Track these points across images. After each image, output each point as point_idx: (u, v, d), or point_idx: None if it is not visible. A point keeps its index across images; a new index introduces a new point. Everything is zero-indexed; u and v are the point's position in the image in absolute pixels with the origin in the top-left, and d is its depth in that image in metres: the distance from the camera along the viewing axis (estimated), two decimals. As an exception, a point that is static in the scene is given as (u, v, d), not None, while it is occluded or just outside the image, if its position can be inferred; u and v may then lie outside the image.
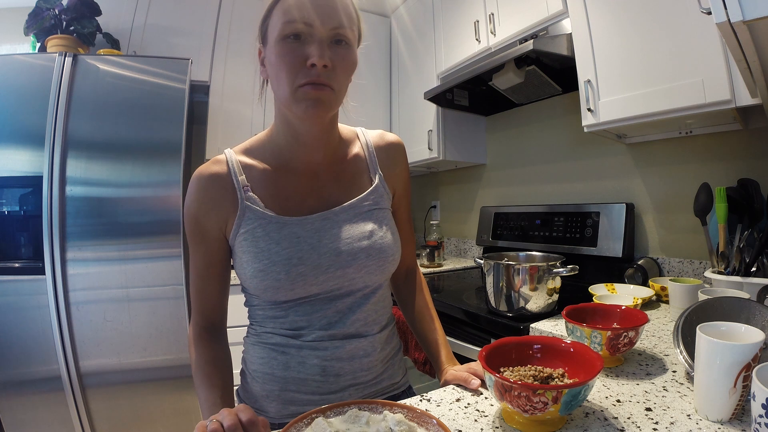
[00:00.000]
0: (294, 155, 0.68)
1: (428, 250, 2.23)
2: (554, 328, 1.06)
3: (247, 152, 0.70)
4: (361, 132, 0.77)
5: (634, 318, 0.79)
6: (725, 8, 0.53)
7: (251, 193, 0.66)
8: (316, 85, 0.58)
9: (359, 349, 0.69)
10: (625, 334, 0.72)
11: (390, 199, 0.75)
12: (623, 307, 0.83)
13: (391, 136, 0.78)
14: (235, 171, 0.67)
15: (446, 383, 0.71)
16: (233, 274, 0.73)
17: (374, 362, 0.71)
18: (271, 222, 0.65)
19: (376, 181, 0.72)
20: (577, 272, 1.09)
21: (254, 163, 0.68)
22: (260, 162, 0.68)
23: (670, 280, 1.13)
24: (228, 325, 0.79)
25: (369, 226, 0.69)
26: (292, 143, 0.68)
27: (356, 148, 0.74)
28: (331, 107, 0.61)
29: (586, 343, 0.71)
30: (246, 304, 0.76)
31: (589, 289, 1.26)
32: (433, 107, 2.15)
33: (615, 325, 0.80)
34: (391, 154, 0.76)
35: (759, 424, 0.45)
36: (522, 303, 1.14)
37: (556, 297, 1.17)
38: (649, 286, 1.28)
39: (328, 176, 0.70)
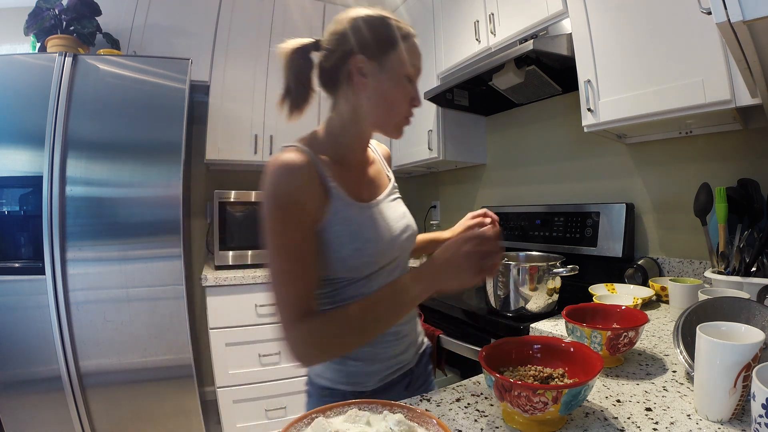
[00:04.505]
0: (350, 153, 0.78)
1: (428, 250, 2.23)
2: (554, 328, 1.06)
3: (311, 146, 0.73)
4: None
5: (634, 318, 0.79)
6: (725, 8, 0.53)
7: (332, 182, 0.71)
8: (407, 119, 0.76)
9: (411, 313, 0.83)
10: (625, 334, 0.72)
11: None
12: (623, 307, 0.83)
13: (385, 146, 0.95)
14: (317, 161, 0.71)
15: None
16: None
17: (416, 322, 0.88)
18: (353, 206, 0.73)
19: (392, 177, 0.89)
20: (577, 272, 1.09)
21: (321, 157, 0.73)
22: (323, 156, 0.73)
23: (670, 280, 1.13)
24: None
25: (401, 209, 0.84)
26: (355, 143, 0.78)
27: (371, 153, 0.88)
28: None
29: (586, 343, 0.71)
30: (325, 294, 0.75)
31: (589, 289, 1.26)
32: (433, 107, 2.15)
33: (615, 325, 0.80)
34: (388, 159, 0.94)
35: (759, 424, 0.45)
36: (522, 303, 1.14)
37: (556, 297, 1.17)
38: (649, 286, 1.28)
39: (366, 171, 0.83)
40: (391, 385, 0.80)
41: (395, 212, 0.81)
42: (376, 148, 0.91)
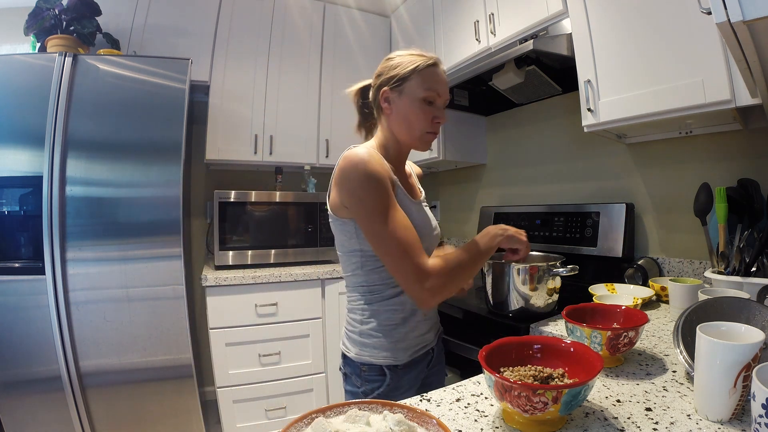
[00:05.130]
0: (396, 163, 0.95)
1: (428, 250, 2.23)
2: (554, 328, 1.06)
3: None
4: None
5: (635, 318, 0.79)
6: (725, 8, 0.53)
7: (394, 176, 0.89)
8: (432, 134, 0.91)
9: None
10: (625, 334, 0.72)
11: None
12: (623, 307, 0.83)
13: (413, 165, 1.11)
14: (383, 160, 0.88)
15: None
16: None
17: (436, 308, 1.02)
18: (408, 199, 0.91)
19: (423, 190, 1.06)
20: (577, 272, 1.09)
21: None
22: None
23: (670, 280, 1.13)
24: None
25: (432, 214, 1.02)
26: (399, 155, 0.96)
27: (408, 168, 1.05)
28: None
29: (586, 343, 0.71)
30: (372, 270, 0.90)
31: (589, 289, 1.26)
32: (433, 107, 2.15)
33: (615, 325, 0.80)
34: (419, 176, 1.11)
35: (759, 424, 0.45)
36: (522, 303, 1.14)
37: (556, 297, 1.17)
38: (649, 286, 1.28)
39: (406, 179, 0.99)
40: (417, 361, 0.94)
41: (430, 215, 1.00)
42: (412, 166, 1.08)
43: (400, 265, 0.79)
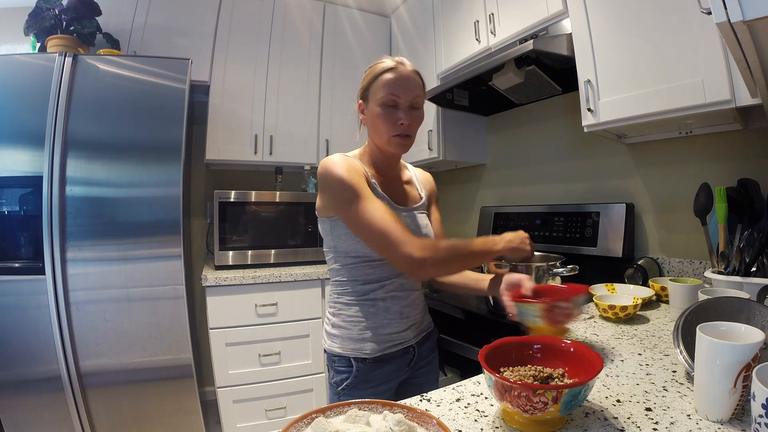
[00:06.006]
0: (381, 168, 1.01)
1: (428, 250, 2.23)
2: (554, 328, 1.05)
3: (357, 158, 0.99)
4: (408, 165, 1.15)
5: (572, 292, 0.80)
6: (725, 8, 0.53)
7: (372, 179, 0.95)
8: (402, 137, 0.93)
9: (417, 298, 1.03)
10: (559, 305, 0.73)
11: (427, 208, 1.12)
12: (567, 285, 0.86)
13: (425, 173, 1.17)
14: (361, 162, 0.97)
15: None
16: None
17: (422, 308, 1.06)
18: (387, 200, 0.95)
19: (424, 197, 1.09)
20: (577, 272, 1.09)
21: (366, 166, 0.99)
22: (366, 166, 0.99)
23: (670, 280, 1.13)
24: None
25: (424, 221, 1.05)
26: (383, 161, 1.01)
27: (407, 174, 1.11)
28: (409, 148, 0.97)
29: (532, 319, 0.75)
30: (343, 267, 0.97)
31: (589, 289, 1.26)
32: (433, 107, 2.16)
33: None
34: (427, 183, 1.15)
35: (759, 424, 0.45)
36: (522, 303, 1.14)
37: (556, 297, 1.17)
38: (649, 286, 1.28)
39: (397, 185, 1.04)
40: (392, 357, 0.97)
41: (420, 222, 1.02)
42: (418, 174, 1.14)
43: (383, 240, 0.83)
